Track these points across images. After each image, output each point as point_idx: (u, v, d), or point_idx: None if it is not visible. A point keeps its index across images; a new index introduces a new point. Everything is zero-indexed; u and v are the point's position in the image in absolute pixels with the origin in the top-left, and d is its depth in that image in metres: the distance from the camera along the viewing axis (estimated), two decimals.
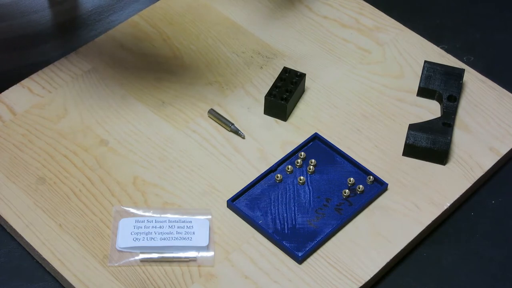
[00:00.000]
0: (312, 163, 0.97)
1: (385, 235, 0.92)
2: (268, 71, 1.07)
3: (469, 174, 0.97)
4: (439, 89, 1.04)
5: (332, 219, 0.93)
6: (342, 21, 1.13)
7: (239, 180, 0.96)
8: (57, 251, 0.89)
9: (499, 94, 1.06)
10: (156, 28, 1.11)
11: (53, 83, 1.04)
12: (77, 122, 1.01)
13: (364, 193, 0.95)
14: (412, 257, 0.93)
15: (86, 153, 0.98)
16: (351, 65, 1.08)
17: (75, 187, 0.95)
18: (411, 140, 0.98)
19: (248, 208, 0.93)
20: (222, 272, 0.89)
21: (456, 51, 1.12)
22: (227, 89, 1.05)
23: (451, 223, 0.96)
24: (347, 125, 1.02)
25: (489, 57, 1.13)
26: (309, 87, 1.06)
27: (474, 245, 0.94)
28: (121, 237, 0.90)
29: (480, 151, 0.99)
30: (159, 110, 1.02)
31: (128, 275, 0.88)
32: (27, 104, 1.02)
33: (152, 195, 0.94)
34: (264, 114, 1.02)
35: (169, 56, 1.08)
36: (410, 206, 0.94)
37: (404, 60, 1.09)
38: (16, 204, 0.93)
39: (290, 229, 0.92)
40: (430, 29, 1.15)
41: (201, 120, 1.02)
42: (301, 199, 0.94)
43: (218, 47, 1.09)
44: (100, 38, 1.10)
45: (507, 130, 1.02)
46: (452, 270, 0.92)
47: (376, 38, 1.11)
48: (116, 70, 1.06)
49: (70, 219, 0.92)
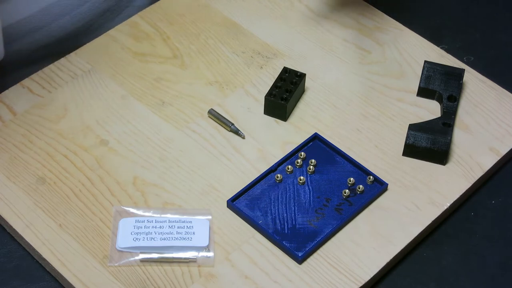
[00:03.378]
0: (312, 163, 0.97)
1: (385, 235, 0.92)
2: (268, 71, 1.07)
3: (469, 174, 0.97)
4: (439, 89, 1.04)
5: (332, 219, 0.93)
6: (342, 21, 1.13)
7: (239, 180, 0.96)
8: (57, 251, 0.89)
9: (499, 94, 1.06)
10: (156, 28, 1.11)
11: (53, 83, 1.04)
12: (77, 122, 1.01)
13: (364, 193, 0.95)
14: (412, 257, 0.93)
15: (86, 153, 0.98)
16: (351, 65, 1.08)
17: (75, 187, 0.95)
18: (411, 140, 0.98)
19: (248, 208, 0.93)
20: (222, 272, 0.89)
21: (456, 51, 1.11)
22: (227, 89, 1.05)
23: (451, 223, 0.96)
24: (347, 125, 1.02)
25: (489, 57, 1.12)
26: (309, 87, 1.06)
27: (474, 245, 0.94)
28: (121, 237, 0.90)
29: (480, 151, 0.99)
30: (159, 110, 1.02)
31: (128, 275, 0.88)
32: (27, 104, 1.02)
33: (152, 195, 0.94)
34: (264, 114, 1.02)
35: (169, 56, 1.08)
36: (410, 206, 0.94)
37: (404, 60, 1.09)
38: (16, 204, 0.93)
39: (290, 229, 0.92)
40: (430, 29, 1.15)
41: (201, 120, 1.02)
42: (301, 199, 0.94)
43: (218, 47, 1.09)
44: (100, 38, 1.10)
45: (507, 130, 1.02)
46: (452, 270, 0.92)
47: (376, 38, 1.11)
48: (116, 70, 1.06)
49: (70, 219, 0.92)
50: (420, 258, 0.93)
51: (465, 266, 0.93)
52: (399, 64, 1.08)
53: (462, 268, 0.92)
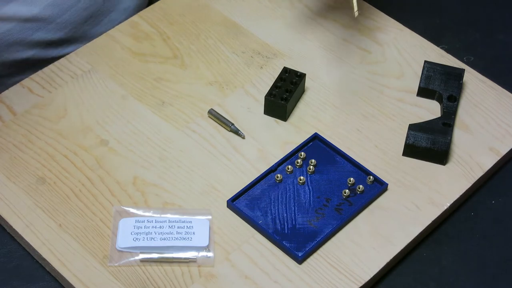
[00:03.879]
0: (312, 163, 0.97)
1: (385, 235, 0.92)
2: (268, 71, 1.07)
3: (469, 174, 0.97)
4: (439, 89, 1.04)
5: (332, 219, 0.93)
6: (342, 21, 1.13)
7: (239, 180, 0.96)
8: (57, 251, 0.89)
9: (499, 94, 1.06)
10: (156, 28, 1.11)
11: (53, 83, 1.04)
12: (77, 122, 1.01)
13: (364, 193, 0.95)
14: (412, 257, 0.93)
15: (86, 153, 0.98)
16: (351, 65, 1.08)
17: (75, 187, 0.95)
18: (411, 140, 0.98)
19: (248, 208, 0.93)
20: (222, 272, 0.89)
21: (456, 51, 1.11)
22: (227, 89, 1.05)
23: (451, 223, 0.96)
24: (347, 125, 1.02)
25: (489, 57, 1.12)
26: (309, 87, 1.06)
27: (474, 245, 0.94)
28: (121, 237, 0.90)
29: (480, 151, 0.99)
30: (159, 110, 1.02)
31: (128, 275, 0.88)
32: (27, 104, 1.02)
33: (152, 195, 0.94)
34: (264, 114, 1.02)
35: (169, 56, 1.08)
36: (410, 206, 0.94)
37: (404, 60, 1.09)
38: (16, 204, 0.93)
39: (290, 229, 0.92)
40: (430, 29, 1.15)
41: (201, 120, 1.02)
42: (301, 199, 0.94)
43: (218, 47, 1.09)
44: (100, 38, 1.10)
45: (507, 130, 1.02)
46: (452, 270, 0.92)
47: (376, 38, 1.11)
48: (116, 70, 1.06)
49: (70, 219, 0.92)
50: (420, 258, 0.93)
51: (465, 266, 0.93)
52: (399, 64, 1.08)
53: (462, 268, 0.92)
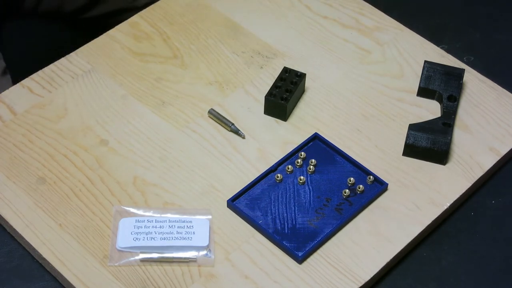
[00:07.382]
0: (312, 163, 0.97)
1: (385, 235, 0.92)
2: (268, 71, 1.07)
3: (469, 174, 0.97)
4: (439, 89, 1.04)
5: (332, 219, 0.93)
6: (342, 21, 1.13)
7: (239, 180, 0.96)
8: (57, 250, 0.89)
9: (499, 94, 1.06)
10: (156, 28, 1.11)
11: (53, 83, 1.04)
12: (77, 122, 1.01)
13: (364, 193, 0.95)
14: (412, 257, 0.93)
15: (86, 153, 0.98)
16: (351, 65, 1.08)
17: (75, 187, 0.95)
18: (411, 140, 0.98)
19: (248, 208, 0.93)
20: (222, 272, 0.89)
21: (456, 51, 1.12)
22: (227, 89, 1.05)
23: (451, 223, 0.96)
24: (347, 125, 1.02)
25: (489, 57, 1.13)
26: (309, 87, 1.06)
27: (474, 245, 0.94)
28: (121, 237, 0.90)
29: (480, 151, 0.99)
30: (159, 110, 1.02)
31: (128, 275, 0.88)
32: (27, 104, 1.02)
33: (152, 195, 0.94)
34: (264, 114, 1.02)
35: (169, 56, 1.08)
36: (410, 206, 0.94)
37: (404, 60, 1.09)
38: (16, 204, 0.93)
39: (290, 229, 0.92)
40: (430, 29, 1.15)
41: (201, 120, 1.02)
42: (301, 199, 0.94)
43: (218, 47, 1.09)
44: (100, 38, 1.10)
45: (507, 130, 1.02)
46: (452, 270, 0.92)
47: (376, 38, 1.11)
48: (116, 70, 1.06)
49: (70, 219, 0.92)
50: (420, 258, 0.93)
51: (465, 266, 0.93)
52: (399, 64, 1.08)
53: (462, 268, 0.92)
